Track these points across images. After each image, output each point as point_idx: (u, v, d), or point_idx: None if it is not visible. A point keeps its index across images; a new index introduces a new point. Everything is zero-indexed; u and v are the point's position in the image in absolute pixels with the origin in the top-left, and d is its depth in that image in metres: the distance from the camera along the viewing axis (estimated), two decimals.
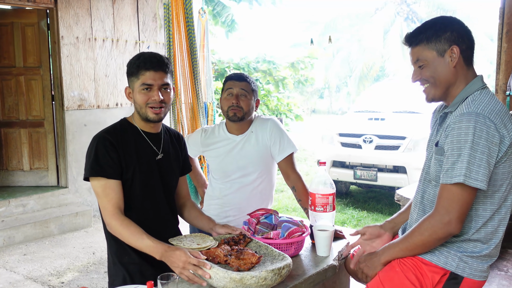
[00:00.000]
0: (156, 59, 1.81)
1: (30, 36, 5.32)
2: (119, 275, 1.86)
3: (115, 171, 1.77)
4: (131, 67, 1.83)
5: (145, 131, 1.90)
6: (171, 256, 1.62)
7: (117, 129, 1.86)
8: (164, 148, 1.96)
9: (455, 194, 1.52)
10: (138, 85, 1.80)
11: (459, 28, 1.63)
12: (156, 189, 1.90)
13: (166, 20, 3.47)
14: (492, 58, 12.19)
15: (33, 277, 3.86)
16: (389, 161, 5.96)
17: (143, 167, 1.85)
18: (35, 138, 5.48)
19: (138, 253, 1.84)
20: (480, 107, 1.54)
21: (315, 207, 1.96)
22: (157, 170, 1.91)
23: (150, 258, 1.84)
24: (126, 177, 1.81)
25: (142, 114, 1.85)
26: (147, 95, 1.80)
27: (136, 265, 1.85)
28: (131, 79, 1.84)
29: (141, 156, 1.86)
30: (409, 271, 1.63)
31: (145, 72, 1.79)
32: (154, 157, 1.91)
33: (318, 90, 24.74)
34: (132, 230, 1.72)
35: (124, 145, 1.82)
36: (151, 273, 1.80)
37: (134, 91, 1.84)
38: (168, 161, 1.97)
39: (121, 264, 1.86)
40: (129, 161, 1.81)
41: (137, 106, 1.85)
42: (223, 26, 12.41)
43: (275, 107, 10.13)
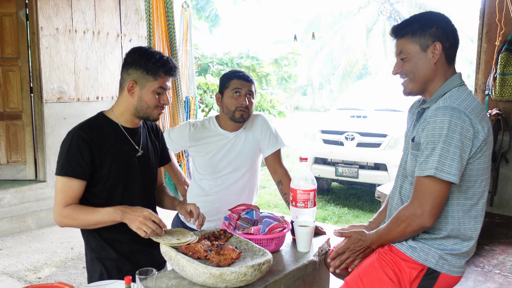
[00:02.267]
0: (175, 66, 1.83)
1: (8, 26, 5.19)
2: (97, 271, 1.84)
3: (85, 171, 1.73)
4: (149, 64, 1.75)
5: (125, 126, 1.86)
6: (131, 212, 1.65)
7: (93, 125, 1.80)
8: (144, 144, 1.93)
9: (427, 187, 1.54)
10: (154, 86, 1.77)
11: (445, 25, 1.65)
12: (135, 185, 1.87)
13: (146, 13, 3.43)
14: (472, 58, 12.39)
15: (9, 272, 3.79)
16: (370, 159, 6.02)
17: (121, 164, 1.82)
18: (12, 131, 5.35)
19: (115, 249, 1.82)
20: (457, 102, 1.56)
21: (296, 203, 1.96)
22: (137, 166, 1.88)
23: (127, 254, 1.83)
24: (101, 174, 1.78)
25: (145, 114, 1.81)
26: (158, 98, 1.80)
27: (113, 261, 1.83)
28: (144, 76, 1.76)
29: (119, 153, 1.82)
30: (387, 267, 1.64)
31: (164, 76, 1.79)
32: (135, 154, 1.88)
33: (301, 87, 24.83)
34: (85, 209, 1.72)
35: (100, 141, 1.77)
36: (129, 269, 1.80)
37: (144, 89, 1.77)
38: (148, 157, 1.94)
39: (98, 260, 1.84)
40: (104, 158, 1.77)
41: (142, 104, 1.79)
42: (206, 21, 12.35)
43: (258, 104, 10.11)
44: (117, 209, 1.69)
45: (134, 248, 1.85)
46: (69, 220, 1.73)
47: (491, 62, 3.83)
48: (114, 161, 1.80)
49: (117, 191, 1.82)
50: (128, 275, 1.43)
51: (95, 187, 1.78)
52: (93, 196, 1.80)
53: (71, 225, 1.75)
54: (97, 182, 1.78)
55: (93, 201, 1.79)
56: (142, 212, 1.64)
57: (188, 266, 1.51)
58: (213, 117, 2.39)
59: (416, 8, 17.45)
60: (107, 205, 1.77)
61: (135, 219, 1.64)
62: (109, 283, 1.61)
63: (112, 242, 1.82)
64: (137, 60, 1.77)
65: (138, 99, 1.79)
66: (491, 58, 3.85)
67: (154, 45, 3.44)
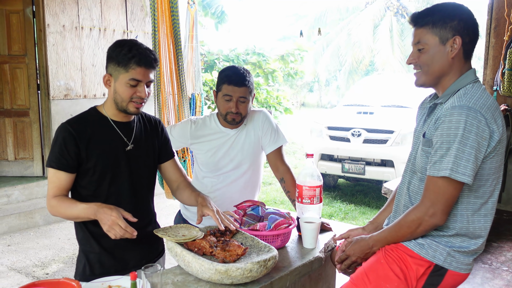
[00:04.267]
0: (150, 57, 1.76)
1: (15, 23, 5.22)
2: (81, 262, 1.87)
3: (69, 163, 1.75)
4: (119, 56, 1.73)
5: (115, 120, 1.85)
6: (102, 213, 1.64)
7: (83, 119, 1.81)
8: (136, 138, 1.91)
9: (441, 187, 1.52)
10: (126, 78, 1.74)
11: (467, 19, 1.60)
12: (124, 178, 1.86)
13: (151, 8, 3.42)
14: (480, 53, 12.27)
15: (17, 268, 3.82)
16: (377, 155, 6.00)
17: (108, 157, 1.82)
18: (20, 128, 5.39)
19: (99, 243, 1.83)
20: (472, 100, 1.53)
21: (302, 199, 1.95)
22: (125, 160, 1.86)
23: (112, 248, 1.84)
24: (88, 167, 1.79)
25: (121, 107, 1.80)
26: (132, 90, 1.76)
27: (96, 255, 1.84)
28: (116, 68, 1.75)
29: (107, 146, 1.82)
30: (394, 263, 1.63)
31: (136, 67, 1.73)
32: (124, 148, 1.86)
33: (308, 83, 24.75)
34: (67, 202, 1.74)
35: (88, 135, 1.78)
36: (112, 264, 1.83)
37: (117, 81, 1.76)
38: (140, 151, 1.92)
39: (83, 252, 1.87)
40: (91, 151, 1.78)
41: (117, 97, 1.78)
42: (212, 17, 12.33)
43: (265, 100, 10.10)
44: (91, 207, 1.69)
45: (119, 244, 1.83)
46: (55, 211, 1.77)
47: (499, 58, 3.80)
48: (102, 154, 1.80)
49: (104, 184, 1.82)
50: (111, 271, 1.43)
51: (82, 179, 1.80)
52: (81, 187, 1.82)
53: (57, 215, 1.79)
54: (85, 175, 1.80)
55: (81, 192, 1.82)
56: (111, 216, 1.63)
57: (193, 262, 1.51)
58: (214, 114, 2.36)
59: (423, 4, 17.29)
60: (94, 196, 1.80)
61: (105, 221, 1.63)
62: (115, 278, 1.61)
63: (97, 235, 1.82)
64: (111, 52, 1.77)
65: (114, 91, 1.79)
66: (499, 53, 3.82)
67: (159, 41, 3.44)
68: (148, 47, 1.81)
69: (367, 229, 1.92)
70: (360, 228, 1.94)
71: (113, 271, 1.80)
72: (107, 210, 1.65)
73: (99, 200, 1.79)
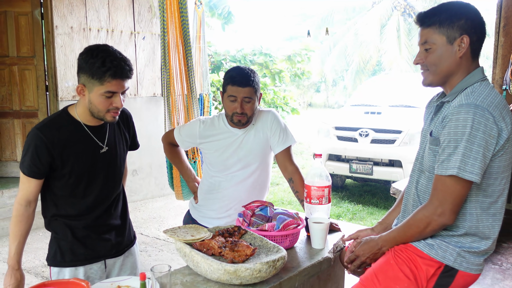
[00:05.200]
0: (126, 68, 1.73)
1: (24, 25, 5.25)
2: (52, 249, 1.90)
3: (40, 171, 1.76)
4: (93, 69, 1.69)
5: (88, 125, 1.84)
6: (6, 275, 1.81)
7: (55, 124, 1.79)
8: (110, 140, 1.91)
9: (449, 186, 1.51)
10: (101, 91, 1.71)
11: (474, 18, 1.59)
12: (99, 180, 1.89)
13: (160, 9, 3.43)
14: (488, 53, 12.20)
15: (26, 268, 3.84)
16: (384, 155, 5.97)
17: (83, 162, 1.83)
18: (28, 129, 5.42)
19: (72, 232, 1.87)
20: (480, 98, 1.52)
21: (311, 199, 1.95)
22: (101, 163, 1.88)
23: (83, 238, 1.89)
24: (63, 172, 1.80)
25: (98, 116, 1.79)
26: (109, 101, 1.74)
27: (67, 243, 1.87)
28: (90, 81, 1.71)
29: (81, 151, 1.82)
30: (403, 264, 1.62)
31: (111, 80, 1.70)
32: (98, 151, 1.87)
33: (315, 83, 24.71)
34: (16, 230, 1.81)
35: (61, 141, 1.76)
36: (82, 252, 1.87)
37: (92, 93, 1.73)
38: (114, 152, 1.93)
39: (54, 239, 1.90)
40: (66, 157, 1.78)
41: (93, 108, 1.76)
42: (219, 18, 12.34)
43: (271, 100, 10.09)
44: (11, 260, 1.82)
45: (91, 235, 1.90)
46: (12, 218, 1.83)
47: (508, 56, 3.76)
48: (77, 159, 1.80)
49: (80, 186, 1.85)
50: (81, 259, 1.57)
51: (59, 181, 1.82)
52: (57, 188, 1.84)
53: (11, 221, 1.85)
54: (60, 179, 1.81)
55: (57, 192, 1.84)
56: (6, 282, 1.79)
57: (202, 262, 1.51)
58: (222, 114, 2.36)
59: (431, 3, 17.20)
60: (71, 197, 1.84)
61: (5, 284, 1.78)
62: (124, 278, 1.61)
63: (70, 225, 1.87)
64: (83, 63, 1.72)
65: (88, 102, 1.76)
66: (508, 52, 3.79)
67: (168, 42, 3.45)
68: (122, 55, 1.77)
69: (376, 229, 1.92)
70: (369, 228, 1.94)
71: (83, 259, 1.88)
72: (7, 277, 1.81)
73: (76, 199, 1.84)
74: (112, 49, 1.74)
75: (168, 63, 3.46)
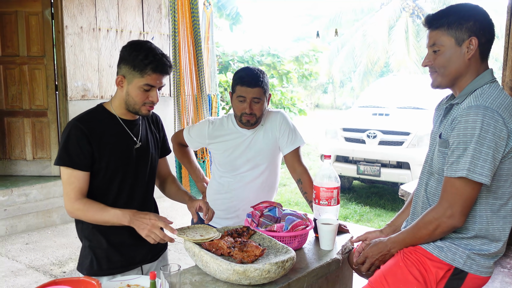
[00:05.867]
0: (166, 64, 1.78)
1: (34, 25, 5.30)
2: (88, 258, 1.87)
3: (83, 162, 1.74)
4: (136, 60, 1.74)
5: (124, 118, 1.87)
6: (139, 219, 1.67)
7: (93, 117, 1.82)
8: (142, 136, 1.93)
9: (458, 188, 1.51)
10: (140, 83, 1.75)
11: (483, 19, 1.58)
12: (133, 178, 1.88)
13: (171, 10, 3.44)
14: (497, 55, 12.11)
15: (35, 266, 3.87)
16: (392, 157, 5.95)
17: (119, 157, 1.83)
18: (38, 128, 5.47)
19: (107, 239, 1.84)
20: (489, 100, 1.51)
21: (319, 200, 1.95)
22: (135, 159, 1.88)
23: (118, 245, 1.86)
24: (100, 166, 1.79)
25: (133, 109, 1.81)
26: (146, 95, 1.77)
27: (103, 250, 1.85)
28: (131, 72, 1.75)
29: (117, 145, 1.83)
30: (412, 266, 1.61)
31: (152, 74, 1.75)
32: (133, 146, 1.88)
33: (322, 84, 24.68)
34: (96, 207, 1.74)
35: (99, 134, 1.78)
36: (118, 260, 1.84)
37: (130, 84, 1.77)
38: (147, 148, 1.94)
39: (89, 248, 1.87)
40: (103, 150, 1.78)
41: (129, 100, 1.79)
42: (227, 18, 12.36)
43: (279, 101, 10.09)
44: (125, 214, 1.71)
45: (126, 241, 1.87)
46: (80, 214, 1.76)
47: None
48: (113, 153, 1.81)
49: (115, 182, 1.83)
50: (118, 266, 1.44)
51: (94, 178, 1.80)
52: (92, 186, 1.81)
53: (81, 218, 1.79)
54: (96, 174, 1.80)
55: (92, 191, 1.81)
56: (150, 220, 1.66)
57: (211, 262, 1.52)
58: (231, 115, 2.37)
59: (440, 4, 17.11)
60: (104, 195, 1.81)
61: (144, 226, 1.66)
62: (134, 278, 1.62)
63: (104, 232, 1.84)
64: (127, 55, 1.76)
65: (126, 93, 1.79)
66: None
67: (179, 42, 3.46)
68: (163, 52, 1.81)
69: (384, 231, 1.91)
70: (378, 230, 1.93)
71: (120, 266, 1.84)
72: (144, 215, 1.68)
73: (109, 197, 1.82)
74: (155, 46, 1.80)
75: (179, 63, 3.47)
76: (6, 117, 5.44)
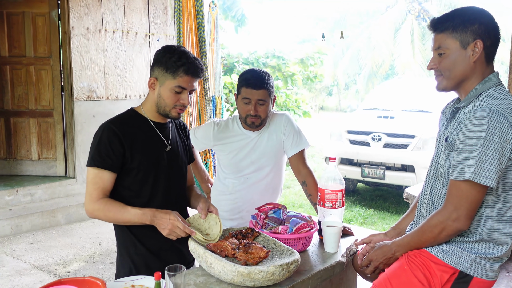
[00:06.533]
0: (198, 67, 1.81)
1: (41, 26, 5.33)
2: (126, 267, 1.87)
3: (114, 163, 1.75)
4: (169, 62, 1.77)
5: (155, 121, 1.89)
6: (160, 218, 1.68)
7: (125, 119, 1.85)
8: (173, 139, 1.95)
9: (464, 191, 1.50)
10: (173, 85, 1.77)
11: (488, 22, 1.59)
12: (165, 179, 1.89)
13: (176, 12, 3.46)
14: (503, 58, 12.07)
15: (39, 266, 3.89)
16: (397, 160, 5.93)
17: (151, 157, 1.84)
18: (44, 128, 5.50)
19: (145, 245, 1.84)
20: (495, 103, 1.51)
21: (324, 203, 1.95)
22: (166, 161, 1.89)
23: (157, 250, 1.85)
24: (132, 166, 1.80)
25: (163, 111, 1.83)
26: (177, 97, 1.80)
27: (141, 257, 1.85)
28: (164, 74, 1.78)
29: (149, 146, 1.85)
30: (417, 269, 1.61)
31: (184, 76, 1.77)
32: (164, 149, 1.89)
33: (327, 87, 24.65)
34: (116, 206, 1.74)
35: (131, 135, 1.80)
36: (158, 266, 1.81)
37: (162, 86, 1.80)
38: (177, 152, 1.96)
39: (127, 255, 1.86)
40: (135, 151, 1.80)
41: (161, 101, 1.82)
42: (232, 20, 12.39)
43: (283, 103, 10.09)
44: (146, 213, 1.71)
45: (164, 245, 1.86)
46: (100, 214, 1.76)
47: None
48: (144, 154, 1.82)
49: (147, 184, 1.83)
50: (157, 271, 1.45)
51: (125, 179, 1.81)
52: (124, 188, 1.82)
53: (101, 219, 1.78)
54: (128, 174, 1.80)
55: (124, 194, 1.81)
56: (169, 220, 1.67)
57: (216, 263, 1.52)
58: (236, 117, 2.38)
59: (445, 7, 17.06)
60: (137, 197, 1.81)
61: (164, 226, 1.68)
62: (138, 278, 1.63)
63: (142, 237, 1.84)
64: (160, 57, 1.80)
65: (157, 95, 1.82)
66: None
67: (184, 44, 3.48)
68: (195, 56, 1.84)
69: (389, 234, 1.91)
70: (382, 233, 1.93)
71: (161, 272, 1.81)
72: (164, 215, 1.69)
73: (142, 200, 1.81)
74: (187, 50, 1.83)
75: None
76: (12, 117, 5.47)
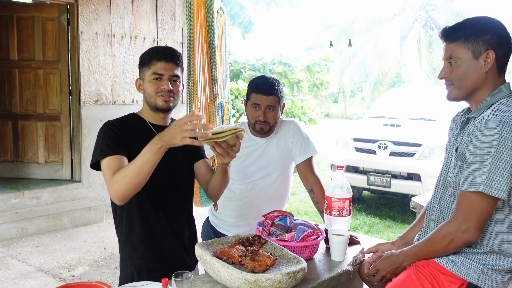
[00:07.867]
0: (168, 51, 1.86)
1: (50, 30, 5.38)
2: (127, 271, 1.86)
3: (123, 148, 1.77)
4: (144, 58, 1.87)
5: (154, 123, 1.91)
6: (167, 131, 1.58)
7: (125, 120, 1.89)
8: None
9: (474, 203, 1.50)
10: (149, 74, 1.83)
11: (500, 32, 1.58)
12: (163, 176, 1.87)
13: (187, 18, 3.47)
14: None
15: (44, 269, 3.89)
16: (403, 168, 5.91)
17: None
18: (51, 132, 5.53)
19: (147, 247, 1.84)
20: (506, 114, 1.50)
21: (331, 211, 1.94)
22: (163, 163, 1.84)
23: (159, 253, 1.85)
24: None
25: (152, 104, 1.86)
26: (157, 84, 1.83)
27: (143, 260, 1.85)
28: (142, 70, 1.87)
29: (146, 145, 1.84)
30: (425, 280, 1.60)
31: (156, 62, 1.83)
32: None
33: (333, 94, 24.65)
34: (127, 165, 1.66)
35: (130, 134, 1.83)
36: (159, 269, 1.83)
37: (144, 81, 1.86)
38: (175, 154, 1.93)
39: (129, 259, 1.86)
40: (133, 148, 1.80)
41: (146, 96, 1.86)
42: (239, 27, 12.44)
43: (289, 110, 10.09)
44: (153, 140, 1.62)
45: (166, 249, 1.87)
46: (121, 182, 1.64)
47: None
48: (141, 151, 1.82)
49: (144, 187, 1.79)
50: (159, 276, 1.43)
51: None
52: None
53: (124, 187, 1.64)
54: None
55: None
56: (174, 126, 1.56)
57: (222, 270, 1.52)
58: (245, 123, 2.39)
59: (452, 16, 17.07)
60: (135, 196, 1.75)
61: (174, 134, 1.55)
62: (144, 284, 1.62)
63: (144, 241, 1.84)
64: (140, 60, 1.91)
65: (144, 92, 1.88)
66: None
67: (194, 50, 3.49)
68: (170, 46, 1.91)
69: (396, 244, 1.90)
70: (390, 242, 1.92)
71: (161, 276, 1.78)
72: (167, 129, 1.59)
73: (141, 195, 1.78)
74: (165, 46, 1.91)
75: (193, 71, 3.50)
76: (20, 121, 5.52)
